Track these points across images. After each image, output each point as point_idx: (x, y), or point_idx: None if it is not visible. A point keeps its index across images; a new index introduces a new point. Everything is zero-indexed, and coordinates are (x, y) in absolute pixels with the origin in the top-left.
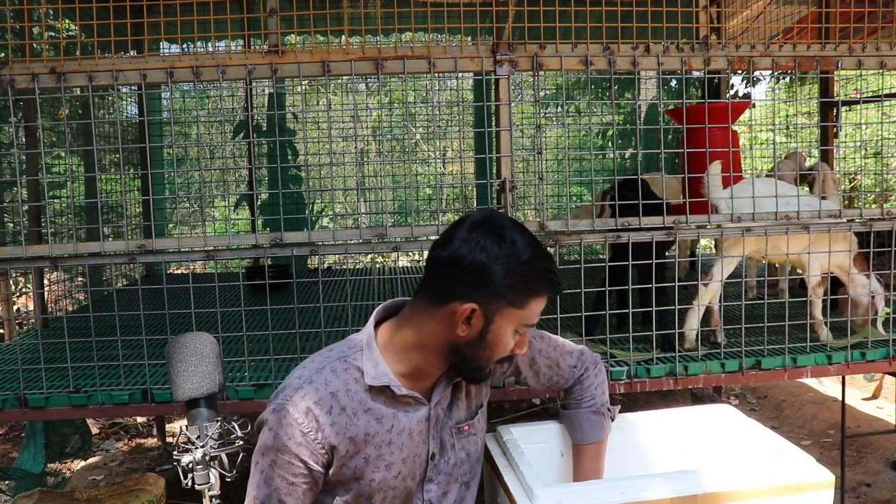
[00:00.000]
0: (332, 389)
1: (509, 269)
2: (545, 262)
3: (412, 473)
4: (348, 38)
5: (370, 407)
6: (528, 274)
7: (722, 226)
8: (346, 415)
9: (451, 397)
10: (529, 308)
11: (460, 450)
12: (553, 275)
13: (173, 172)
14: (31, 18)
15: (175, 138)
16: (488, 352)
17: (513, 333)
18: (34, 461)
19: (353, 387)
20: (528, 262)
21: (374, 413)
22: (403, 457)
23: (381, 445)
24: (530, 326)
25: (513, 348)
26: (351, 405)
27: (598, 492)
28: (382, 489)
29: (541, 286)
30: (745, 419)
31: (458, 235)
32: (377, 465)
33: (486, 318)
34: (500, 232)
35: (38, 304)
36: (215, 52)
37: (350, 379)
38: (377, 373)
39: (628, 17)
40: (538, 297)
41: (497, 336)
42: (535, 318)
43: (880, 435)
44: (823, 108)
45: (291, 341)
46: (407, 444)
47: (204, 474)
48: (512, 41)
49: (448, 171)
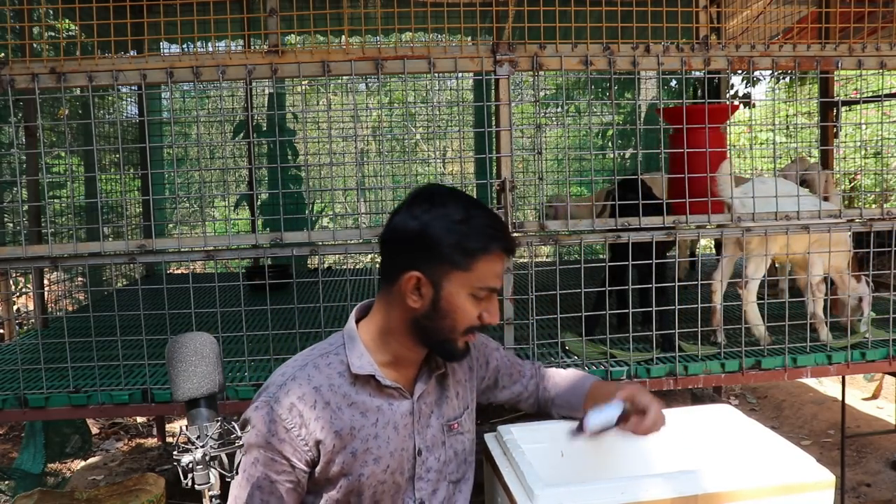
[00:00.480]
0: (316, 384)
1: (444, 231)
2: (484, 218)
3: (400, 468)
4: (348, 38)
5: (354, 401)
6: (465, 232)
7: (722, 226)
8: (331, 409)
9: (439, 394)
10: (478, 269)
11: (449, 448)
12: (494, 230)
13: (173, 172)
14: (31, 18)
15: (175, 138)
16: (448, 321)
17: (469, 298)
18: (34, 461)
19: (336, 381)
20: (463, 220)
21: (359, 406)
22: (391, 450)
23: (368, 439)
24: (490, 290)
25: (481, 316)
26: (335, 399)
27: (598, 492)
28: (372, 484)
29: (483, 244)
30: (745, 419)
31: (397, 213)
32: (365, 460)
33: (434, 284)
34: (430, 199)
35: (38, 304)
36: (215, 52)
37: (334, 374)
38: (362, 362)
39: (628, 17)
40: (485, 255)
41: (451, 302)
42: (490, 279)
43: (880, 435)
44: (823, 108)
45: (291, 341)
46: (393, 438)
47: (204, 474)
48: (512, 41)
49: (448, 171)
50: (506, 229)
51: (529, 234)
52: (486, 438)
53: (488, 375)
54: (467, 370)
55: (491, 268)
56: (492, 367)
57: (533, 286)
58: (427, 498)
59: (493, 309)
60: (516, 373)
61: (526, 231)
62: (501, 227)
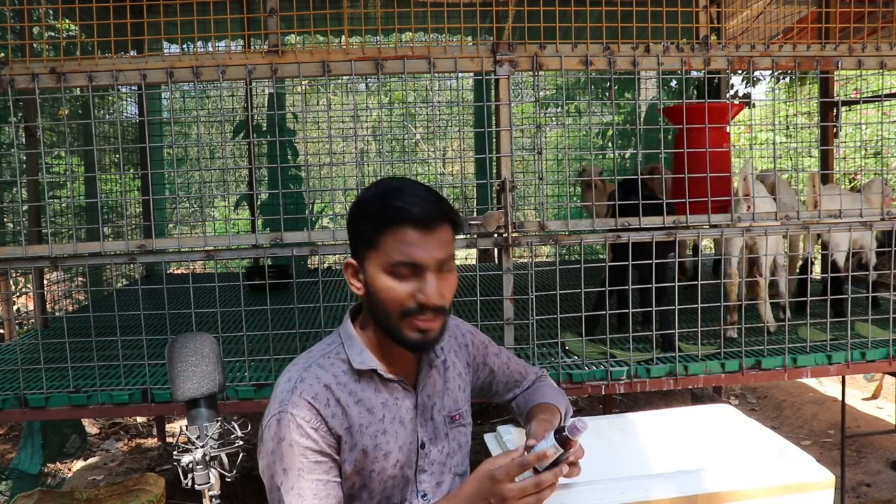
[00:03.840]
0: (325, 382)
1: (357, 214)
2: (386, 194)
3: (408, 462)
4: (348, 38)
5: (361, 398)
6: (367, 209)
7: (722, 226)
8: (342, 406)
9: (441, 386)
10: (386, 244)
11: (453, 440)
12: (402, 202)
13: (173, 172)
14: (31, 18)
15: (175, 138)
16: (381, 304)
17: (388, 277)
18: (31, 461)
19: (342, 378)
20: (368, 199)
21: (365, 403)
22: (399, 444)
23: (377, 435)
24: (407, 266)
25: (414, 294)
26: (343, 397)
27: (598, 492)
28: (383, 479)
29: (386, 215)
30: (745, 419)
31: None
32: (376, 456)
33: (362, 268)
34: (367, 188)
35: (38, 304)
36: (215, 52)
37: (339, 371)
38: (363, 358)
39: (628, 17)
40: (390, 228)
41: (373, 284)
42: (398, 253)
43: (880, 435)
44: (823, 108)
45: (291, 341)
46: (401, 432)
47: (204, 474)
48: (512, 41)
49: (448, 171)
50: (424, 200)
51: (529, 234)
52: (486, 438)
53: (483, 378)
54: (466, 365)
55: (399, 240)
56: (488, 371)
57: (533, 286)
58: (431, 490)
59: (427, 288)
60: (512, 382)
61: (526, 231)
62: (413, 199)
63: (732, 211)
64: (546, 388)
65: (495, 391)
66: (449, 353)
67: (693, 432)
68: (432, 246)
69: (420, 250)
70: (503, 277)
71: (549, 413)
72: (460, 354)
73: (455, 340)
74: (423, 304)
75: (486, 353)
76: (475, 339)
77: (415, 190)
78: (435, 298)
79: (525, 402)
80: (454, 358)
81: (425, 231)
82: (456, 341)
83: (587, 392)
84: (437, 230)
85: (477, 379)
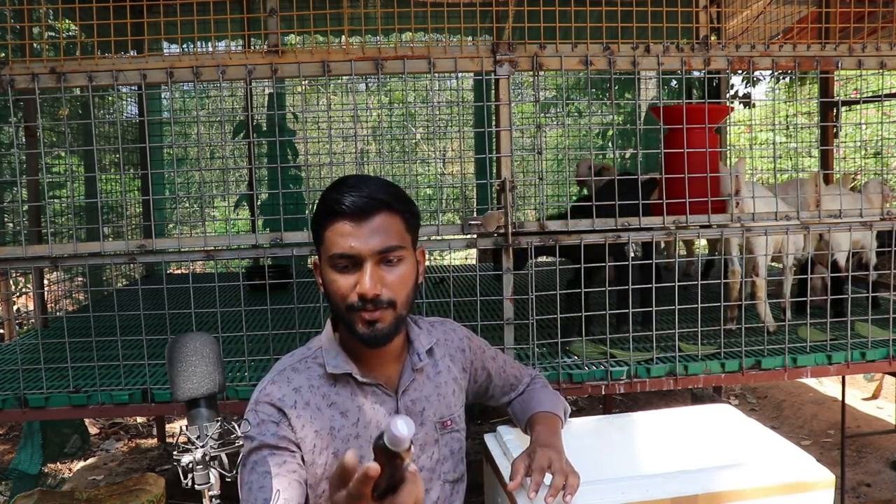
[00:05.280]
0: (295, 386)
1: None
2: (329, 189)
3: None
4: (348, 38)
5: (334, 401)
6: (317, 206)
7: (721, 226)
8: (311, 409)
9: (431, 390)
10: (328, 238)
11: (444, 446)
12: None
13: (173, 172)
14: (31, 18)
15: (175, 138)
16: (331, 300)
17: (331, 271)
18: (31, 462)
19: (315, 382)
20: (321, 196)
21: (339, 407)
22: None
23: (349, 439)
24: (343, 258)
25: (355, 286)
26: (314, 400)
27: (598, 492)
28: None
29: (324, 210)
30: (745, 419)
31: None
32: None
33: (320, 266)
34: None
35: (38, 304)
36: (215, 52)
37: (313, 375)
38: (338, 361)
39: (628, 17)
40: (329, 221)
41: (324, 279)
42: (335, 246)
43: (880, 435)
44: (823, 108)
45: (291, 341)
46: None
47: (204, 474)
48: (512, 41)
49: (448, 172)
50: (359, 191)
51: (529, 234)
52: (486, 438)
53: (481, 381)
54: (462, 370)
55: (335, 233)
56: (486, 375)
57: (533, 286)
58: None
59: (362, 279)
60: (508, 385)
61: (526, 231)
62: (348, 191)
63: (731, 211)
64: (542, 393)
65: (492, 394)
66: (443, 358)
67: (693, 432)
68: (366, 235)
69: (353, 241)
70: (503, 277)
71: (545, 424)
72: (456, 359)
73: (451, 345)
74: (361, 295)
75: (484, 358)
76: (472, 343)
77: (356, 182)
78: (370, 289)
79: (522, 408)
80: (449, 362)
81: (358, 221)
82: (452, 346)
83: (587, 392)
84: (371, 219)
85: (474, 383)
